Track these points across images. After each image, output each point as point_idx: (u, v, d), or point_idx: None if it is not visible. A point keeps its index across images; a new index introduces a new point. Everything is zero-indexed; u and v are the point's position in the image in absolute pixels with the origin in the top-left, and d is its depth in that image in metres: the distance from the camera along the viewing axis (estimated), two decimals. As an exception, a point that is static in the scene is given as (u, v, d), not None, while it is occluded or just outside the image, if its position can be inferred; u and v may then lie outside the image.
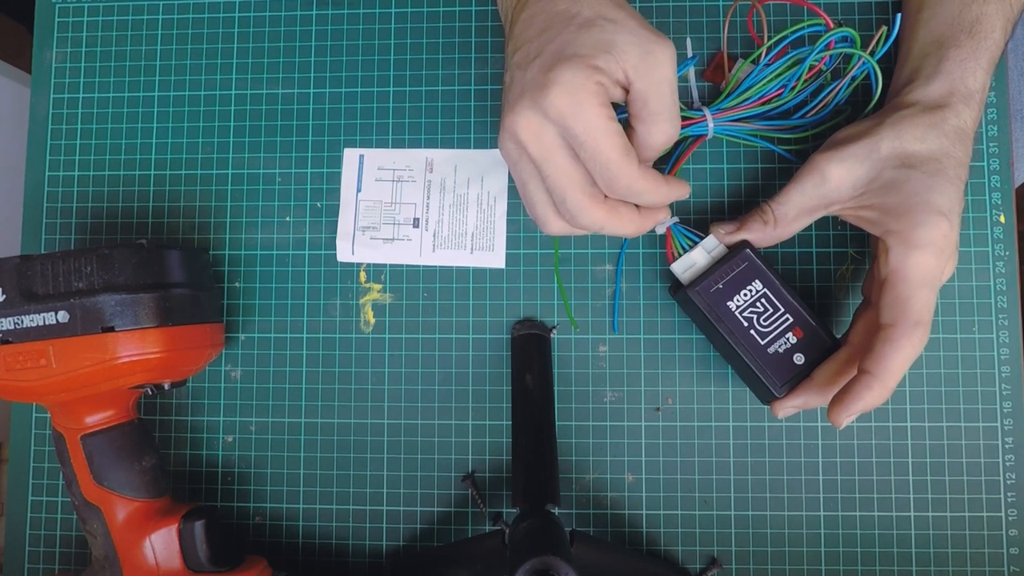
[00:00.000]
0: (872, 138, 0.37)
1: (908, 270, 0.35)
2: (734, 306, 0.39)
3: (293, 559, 0.45)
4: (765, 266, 0.40)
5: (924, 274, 0.35)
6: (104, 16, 0.49)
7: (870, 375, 0.35)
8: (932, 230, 0.35)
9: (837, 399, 0.36)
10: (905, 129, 0.37)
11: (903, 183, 0.36)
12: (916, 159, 0.36)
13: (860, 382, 0.35)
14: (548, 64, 0.32)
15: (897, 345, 0.35)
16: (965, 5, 0.38)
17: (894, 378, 0.35)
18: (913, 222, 0.35)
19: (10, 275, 0.37)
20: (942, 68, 0.38)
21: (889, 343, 0.35)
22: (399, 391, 0.45)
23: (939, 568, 0.43)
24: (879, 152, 0.37)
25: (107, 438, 0.40)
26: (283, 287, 0.46)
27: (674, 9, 0.46)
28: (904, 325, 0.35)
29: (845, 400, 0.35)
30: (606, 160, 0.32)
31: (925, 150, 0.36)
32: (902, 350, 0.35)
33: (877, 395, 0.35)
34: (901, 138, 0.37)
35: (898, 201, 0.36)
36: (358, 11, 0.48)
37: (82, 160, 0.48)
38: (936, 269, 0.35)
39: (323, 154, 0.47)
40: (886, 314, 0.35)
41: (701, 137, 0.43)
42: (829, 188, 0.38)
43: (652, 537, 0.44)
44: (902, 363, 0.35)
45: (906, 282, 0.35)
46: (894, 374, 0.35)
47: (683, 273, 0.41)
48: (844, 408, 0.35)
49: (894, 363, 0.35)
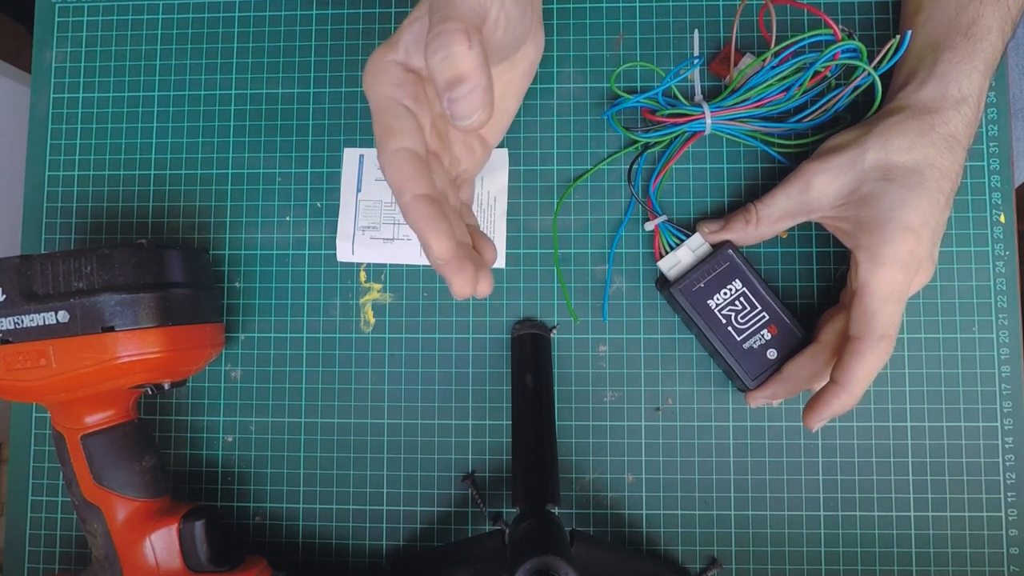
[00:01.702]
0: (858, 148, 0.38)
1: (874, 285, 0.37)
2: (714, 304, 0.41)
3: (293, 559, 0.45)
4: (745, 266, 0.41)
5: (890, 290, 0.37)
6: (104, 16, 0.49)
7: (837, 385, 0.37)
8: (899, 247, 0.36)
9: (809, 405, 0.38)
10: (892, 139, 0.37)
11: (879, 197, 0.37)
12: (898, 171, 0.37)
13: (829, 390, 0.37)
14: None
15: (862, 358, 0.37)
16: (961, 7, 0.38)
17: (859, 388, 0.37)
18: (882, 239, 0.36)
19: (10, 275, 0.37)
20: (936, 71, 0.38)
21: (855, 356, 0.37)
22: (399, 391, 0.45)
23: (939, 568, 0.43)
24: (863, 163, 0.37)
25: (107, 438, 0.40)
26: (283, 287, 0.46)
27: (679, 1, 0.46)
28: (869, 339, 0.37)
29: (816, 406, 0.38)
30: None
31: (909, 161, 0.37)
32: (866, 362, 0.37)
33: (844, 402, 0.37)
34: (887, 148, 0.37)
35: (871, 216, 0.37)
36: (358, 11, 0.48)
37: (82, 160, 0.48)
38: (903, 284, 0.37)
39: (323, 154, 0.47)
40: (854, 327, 0.37)
41: (698, 133, 0.43)
42: (812, 196, 0.39)
43: (652, 537, 0.44)
44: (866, 374, 0.37)
45: (872, 297, 0.37)
46: (859, 384, 0.37)
47: (669, 270, 0.42)
48: (815, 414, 0.38)
49: (859, 374, 0.37)
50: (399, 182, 0.29)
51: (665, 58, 0.46)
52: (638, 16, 0.46)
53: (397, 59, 0.32)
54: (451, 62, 0.27)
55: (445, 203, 0.32)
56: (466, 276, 0.30)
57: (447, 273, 0.30)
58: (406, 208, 0.29)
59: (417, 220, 0.29)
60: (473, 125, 0.28)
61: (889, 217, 0.36)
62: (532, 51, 0.37)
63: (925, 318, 0.44)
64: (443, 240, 0.29)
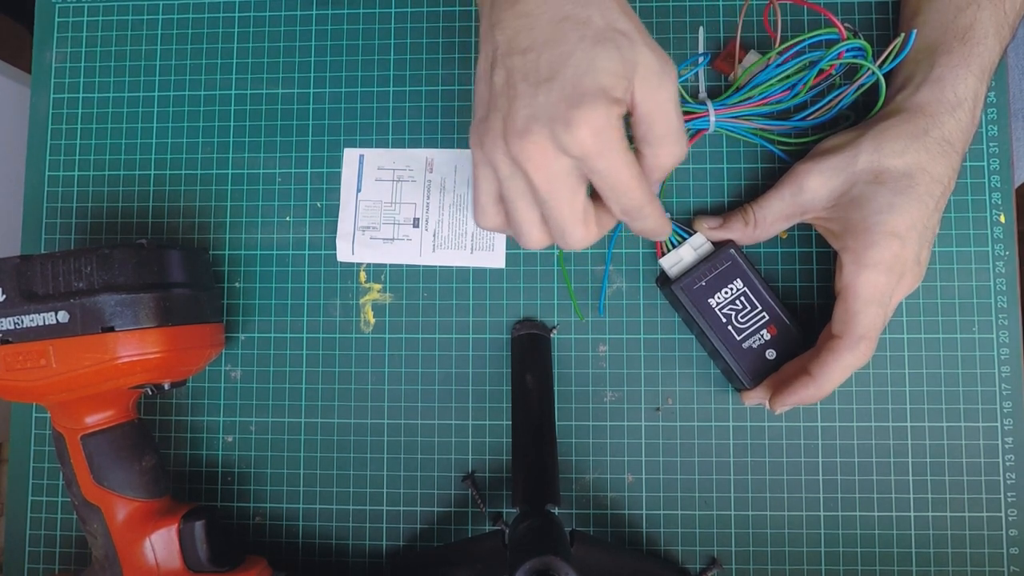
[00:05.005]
0: (851, 151, 0.38)
1: (858, 287, 0.37)
2: (715, 303, 0.41)
3: (293, 559, 0.45)
4: (747, 265, 0.42)
5: (873, 292, 0.37)
6: (104, 16, 0.49)
7: (809, 376, 0.38)
8: (883, 251, 0.36)
9: (778, 389, 0.39)
10: (885, 142, 0.37)
11: (868, 200, 0.37)
12: (889, 175, 0.37)
13: (800, 380, 0.38)
14: (571, 97, 0.30)
15: (839, 356, 0.37)
16: (959, 11, 0.39)
17: (831, 384, 0.38)
18: (867, 242, 0.37)
19: (10, 275, 0.37)
20: (932, 75, 0.38)
21: (832, 353, 0.37)
22: (399, 391, 0.45)
23: (939, 568, 0.43)
24: (855, 166, 0.38)
25: (107, 438, 0.40)
26: (283, 287, 0.46)
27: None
28: (849, 339, 0.37)
29: (784, 392, 0.39)
30: (625, 188, 0.32)
31: (902, 165, 0.37)
32: (843, 361, 0.37)
33: (812, 394, 0.38)
34: (880, 151, 0.37)
35: (859, 218, 0.37)
36: (358, 11, 0.48)
37: (82, 160, 0.48)
38: (886, 287, 0.37)
39: (323, 154, 0.47)
40: (836, 325, 0.38)
41: (702, 131, 0.43)
42: (805, 198, 0.39)
43: (652, 537, 0.44)
44: (841, 372, 0.37)
45: (856, 298, 0.37)
46: (831, 381, 0.37)
47: (670, 268, 0.42)
48: (780, 398, 0.39)
49: (833, 372, 0.37)
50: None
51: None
52: (639, 15, 0.46)
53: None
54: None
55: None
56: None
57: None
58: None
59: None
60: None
61: (876, 220, 0.37)
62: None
63: (925, 318, 0.44)
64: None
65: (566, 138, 0.30)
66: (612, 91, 0.30)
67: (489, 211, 0.35)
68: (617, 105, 0.30)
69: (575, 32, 0.31)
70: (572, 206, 0.33)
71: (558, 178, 0.32)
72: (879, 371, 0.44)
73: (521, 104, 0.31)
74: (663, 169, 0.34)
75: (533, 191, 0.32)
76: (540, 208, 0.33)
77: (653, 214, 0.34)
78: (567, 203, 0.32)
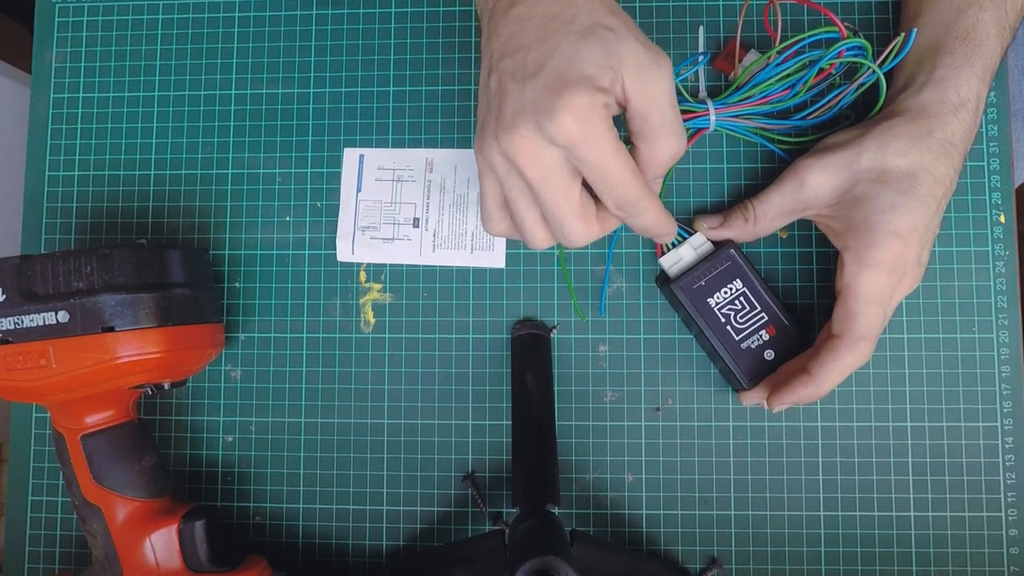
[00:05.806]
0: (854, 148, 0.38)
1: (859, 287, 0.37)
2: (714, 302, 0.41)
3: (293, 559, 0.45)
4: (746, 265, 0.42)
5: (874, 292, 0.37)
6: (104, 16, 0.49)
7: (808, 375, 0.38)
8: (885, 251, 0.36)
9: (776, 388, 0.39)
10: (889, 142, 0.37)
11: (871, 200, 0.37)
12: (892, 175, 0.37)
13: (798, 379, 0.38)
14: (554, 86, 0.30)
15: (838, 355, 0.37)
16: (960, 12, 0.39)
17: (829, 383, 0.37)
18: (869, 241, 0.37)
19: (10, 275, 0.37)
20: (935, 76, 0.38)
21: (831, 352, 0.37)
22: (399, 391, 0.45)
23: (939, 568, 0.43)
24: (858, 164, 0.37)
25: (107, 438, 0.40)
26: (283, 287, 0.46)
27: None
28: (848, 339, 0.37)
29: (782, 390, 0.39)
30: (615, 180, 0.32)
31: (905, 165, 0.37)
32: (842, 360, 0.37)
33: (810, 393, 0.38)
34: (883, 151, 0.37)
35: (861, 218, 0.37)
36: (358, 11, 0.48)
37: (82, 160, 0.48)
38: (887, 287, 0.37)
39: (323, 154, 0.47)
40: (836, 325, 0.38)
41: (702, 130, 0.43)
42: (807, 194, 0.39)
43: (652, 537, 0.44)
44: (839, 372, 0.37)
45: (856, 298, 0.37)
46: (829, 380, 0.37)
47: (670, 268, 0.42)
48: (779, 396, 0.39)
49: (832, 371, 0.37)
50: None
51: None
52: (638, 16, 0.46)
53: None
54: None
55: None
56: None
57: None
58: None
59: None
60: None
61: (879, 220, 0.37)
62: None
63: (925, 318, 0.44)
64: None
65: (550, 126, 0.30)
66: (596, 80, 0.30)
67: (495, 216, 0.35)
68: (602, 93, 0.30)
69: (561, 29, 0.31)
70: (568, 199, 0.32)
71: (549, 170, 0.32)
72: (879, 371, 0.44)
73: (509, 101, 0.32)
74: (660, 165, 0.33)
75: (529, 187, 0.32)
76: (539, 205, 0.33)
77: (650, 210, 0.34)
78: (562, 196, 0.32)
